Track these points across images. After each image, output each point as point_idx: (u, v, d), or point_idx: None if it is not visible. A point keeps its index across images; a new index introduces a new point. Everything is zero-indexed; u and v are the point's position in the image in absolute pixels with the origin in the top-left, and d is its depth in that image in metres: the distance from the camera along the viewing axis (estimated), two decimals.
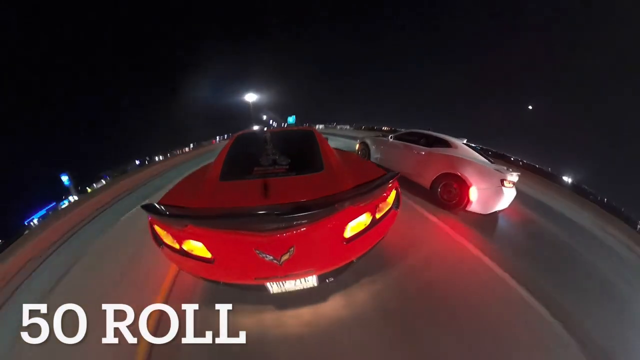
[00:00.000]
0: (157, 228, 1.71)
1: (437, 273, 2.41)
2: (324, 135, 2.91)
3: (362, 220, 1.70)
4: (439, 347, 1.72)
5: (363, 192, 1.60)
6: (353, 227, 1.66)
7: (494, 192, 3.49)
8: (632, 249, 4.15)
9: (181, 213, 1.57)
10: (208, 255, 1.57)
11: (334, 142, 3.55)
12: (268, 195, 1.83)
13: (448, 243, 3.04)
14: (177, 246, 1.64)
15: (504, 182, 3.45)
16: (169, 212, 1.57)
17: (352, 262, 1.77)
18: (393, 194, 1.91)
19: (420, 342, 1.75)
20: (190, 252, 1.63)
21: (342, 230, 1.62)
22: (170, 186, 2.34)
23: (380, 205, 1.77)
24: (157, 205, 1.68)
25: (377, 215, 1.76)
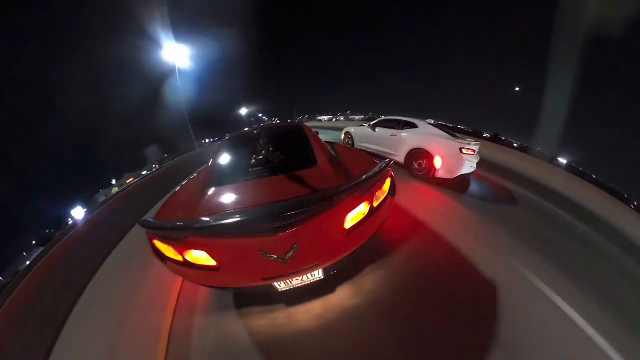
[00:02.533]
0: (157, 243, 1.65)
1: (440, 251, 2.52)
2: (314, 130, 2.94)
3: (361, 210, 1.73)
4: (446, 325, 1.78)
5: (360, 182, 1.61)
6: (353, 218, 1.69)
7: (455, 159, 4.07)
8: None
9: (179, 225, 1.50)
10: (213, 263, 1.55)
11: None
12: (265, 195, 1.84)
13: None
14: (180, 259, 1.62)
15: (463, 150, 4.01)
16: (167, 225, 1.54)
17: (355, 251, 1.81)
18: (388, 181, 1.96)
19: (431, 321, 1.81)
20: (194, 262, 1.60)
21: (343, 221, 1.64)
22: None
23: (377, 193, 1.81)
24: (153, 220, 1.60)
25: (375, 204, 1.81)
